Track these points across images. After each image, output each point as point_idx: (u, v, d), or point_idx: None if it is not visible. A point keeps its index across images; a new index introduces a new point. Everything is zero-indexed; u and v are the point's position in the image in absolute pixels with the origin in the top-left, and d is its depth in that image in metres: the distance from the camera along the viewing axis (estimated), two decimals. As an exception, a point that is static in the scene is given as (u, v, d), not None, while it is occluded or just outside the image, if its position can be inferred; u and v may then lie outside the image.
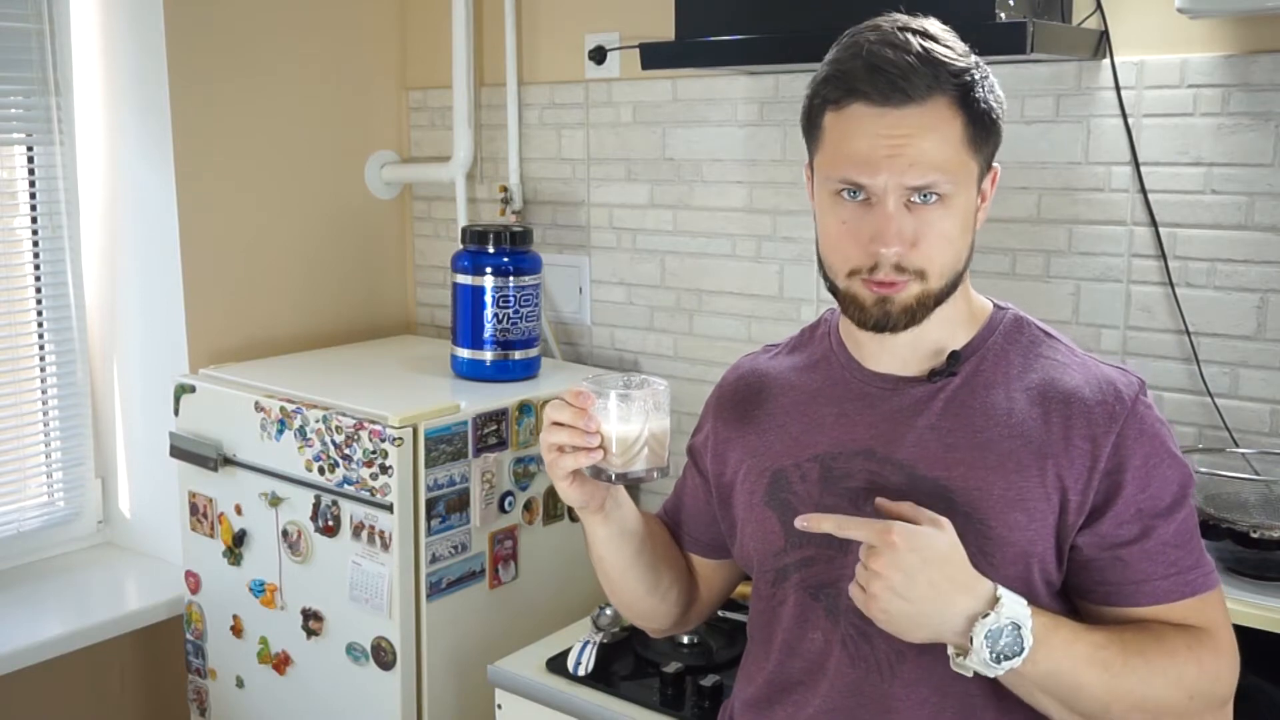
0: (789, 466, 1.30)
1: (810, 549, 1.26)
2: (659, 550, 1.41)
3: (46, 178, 2.43)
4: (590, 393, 1.22)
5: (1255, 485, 1.63)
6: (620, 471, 1.23)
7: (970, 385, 1.24)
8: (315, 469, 2.04)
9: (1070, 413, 1.19)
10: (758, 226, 2.22)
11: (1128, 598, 1.19)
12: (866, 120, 1.15)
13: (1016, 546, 1.18)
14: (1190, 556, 1.19)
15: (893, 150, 1.14)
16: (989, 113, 1.19)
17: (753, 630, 1.38)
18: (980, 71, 1.19)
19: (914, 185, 1.15)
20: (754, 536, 1.32)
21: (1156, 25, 1.76)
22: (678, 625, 1.48)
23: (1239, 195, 1.73)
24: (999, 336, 1.27)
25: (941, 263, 1.18)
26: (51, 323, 2.48)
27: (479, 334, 2.25)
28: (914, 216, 1.16)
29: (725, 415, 1.39)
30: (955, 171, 1.16)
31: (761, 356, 1.42)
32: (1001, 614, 1.08)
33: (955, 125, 1.16)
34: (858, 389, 1.29)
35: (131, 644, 2.41)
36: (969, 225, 1.20)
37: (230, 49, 2.40)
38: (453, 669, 2.06)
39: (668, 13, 1.97)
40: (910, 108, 1.14)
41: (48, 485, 2.53)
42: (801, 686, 1.28)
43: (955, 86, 1.15)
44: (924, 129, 1.14)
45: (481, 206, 2.63)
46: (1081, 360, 1.25)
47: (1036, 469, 1.18)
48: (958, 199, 1.17)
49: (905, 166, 1.14)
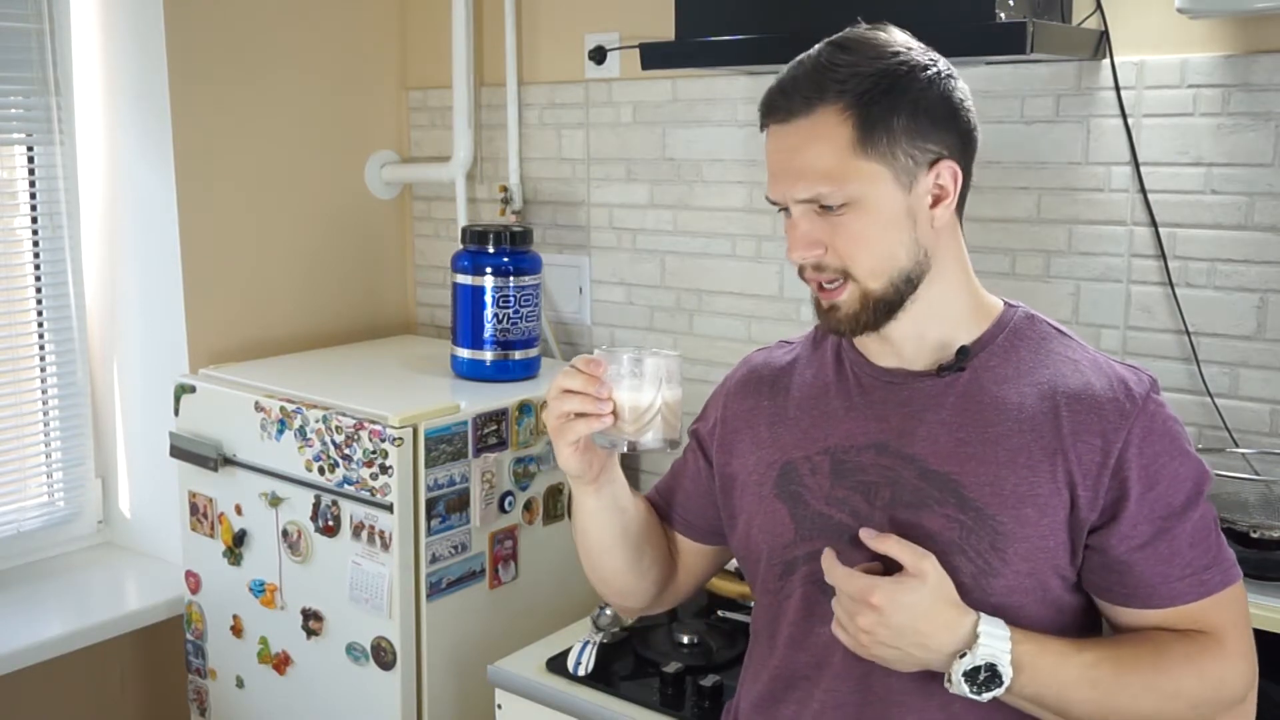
0: (799, 459, 1.30)
1: (820, 541, 1.26)
2: (644, 529, 1.41)
3: (46, 178, 2.43)
4: (603, 360, 1.22)
5: (1255, 485, 1.64)
6: (633, 440, 1.22)
7: (981, 381, 1.24)
8: (315, 469, 2.04)
9: (1081, 409, 1.20)
10: (758, 226, 2.22)
11: (1144, 600, 1.19)
12: (773, 138, 1.24)
13: (1028, 541, 1.18)
14: (1206, 555, 1.20)
15: (783, 164, 1.21)
16: (894, 112, 1.17)
17: (757, 626, 1.38)
18: (896, 75, 1.18)
19: (801, 198, 1.20)
20: (763, 528, 1.32)
21: (1156, 25, 1.76)
22: (652, 605, 1.48)
23: (1239, 195, 1.73)
24: (1009, 333, 1.27)
25: (866, 262, 1.20)
26: (51, 323, 2.48)
27: (479, 334, 2.25)
28: (826, 222, 1.20)
29: (735, 406, 1.40)
30: (843, 178, 1.18)
31: (776, 351, 1.43)
32: (977, 654, 1.13)
33: (843, 131, 1.17)
34: (869, 383, 1.29)
35: (131, 644, 2.41)
36: (897, 223, 1.19)
37: (230, 49, 2.40)
38: (453, 669, 2.06)
39: (668, 13, 1.97)
40: (797, 120, 1.20)
41: (48, 485, 2.53)
42: (807, 681, 1.28)
43: (839, 94, 1.17)
44: (809, 139, 1.19)
45: (481, 206, 2.63)
46: (1093, 358, 1.25)
47: (1048, 465, 1.19)
48: (865, 200, 1.18)
49: (792, 180, 1.20)
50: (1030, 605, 1.20)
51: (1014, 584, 1.19)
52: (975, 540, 1.18)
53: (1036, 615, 1.20)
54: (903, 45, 1.21)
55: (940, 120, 1.20)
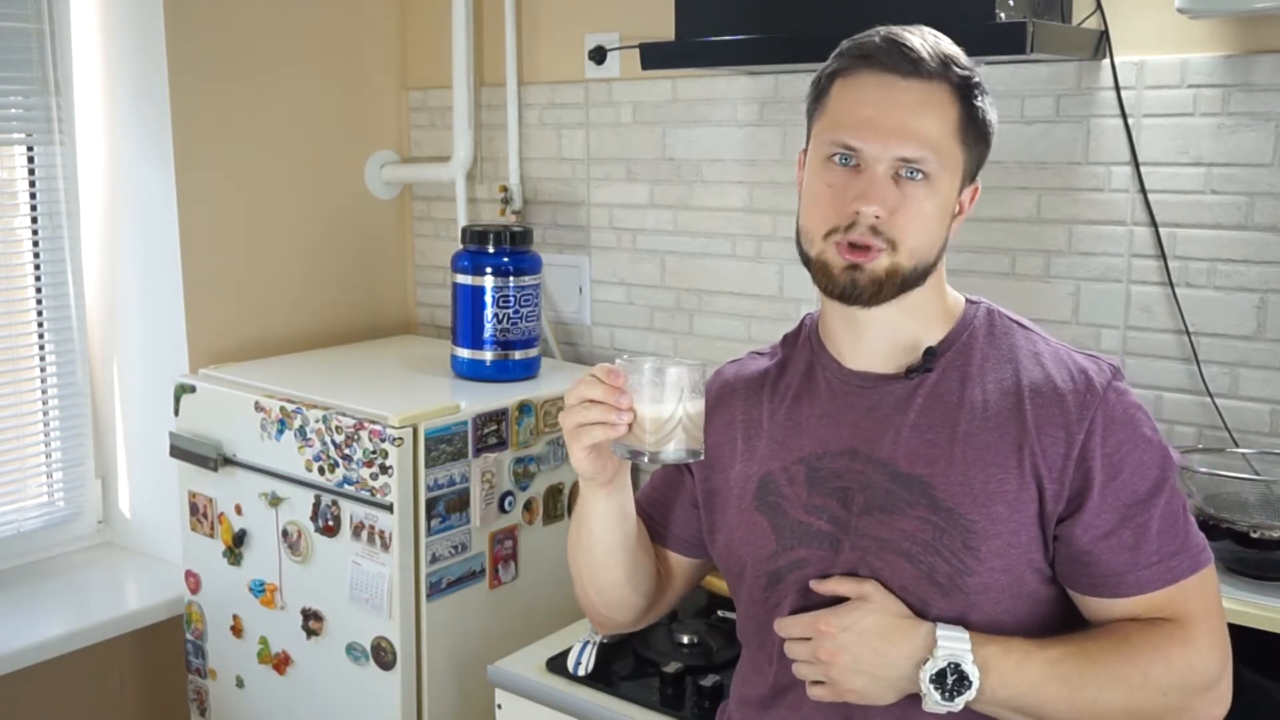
0: (776, 470, 1.31)
1: (802, 550, 1.27)
2: (642, 541, 1.41)
3: (46, 178, 2.43)
4: (623, 370, 1.22)
5: (1255, 485, 1.63)
6: (653, 450, 1.22)
7: (947, 380, 1.25)
8: (315, 469, 2.04)
9: (1044, 402, 1.21)
10: (758, 226, 2.22)
11: (1112, 589, 1.20)
12: (871, 88, 1.20)
13: (1000, 538, 1.19)
14: (1174, 542, 1.20)
15: (891, 119, 1.18)
16: (984, 117, 1.23)
17: (745, 636, 1.38)
18: (985, 87, 1.24)
19: (904, 156, 1.18)
20: (745, 541, 1.32)
21: (1156, 25, 1.76)
22: (638, 620, 1.46)
23: (1239, 195, 1.73)
24: (973, 331, 1.28)
25: (915, 240, 1.20)
26: (51, 323, 2.48)
27: (479, 334, 2.25)
28: (898, 189, 1.19)
29: (711, 422, 1.38)
30: (944, 154, 1.20)
31: (748, 364, 1.43)
32: (939, 655, 1.15)
33: (952, 113, 1.20)
34: (839, 389, 1.30)
35: (131, 644, 2.41)
36: (945, 215, 1.23)
37: (230, 49, 2.40)
38: (453, 669, 2.06)
39: (668, 13, 1.97)
40: (916, 81, 1.19)
41: (48, 485, 2.53)
42: (798, 687, 1.28)
43: (959, 80, 1.20)
44: (924, 105, 1.19)
45: (481, 206, 2.63)
46: (1054, 349, 1.26)
47: (1015, 460, 1.20)
48: (941, 183, 1.20)
49: (901, 137, 1.18)
50: (1006, 600, 1.20)
51: (989, 581, 1.19)
52: (949, 540, 1.19)
53: (1013, 610, 1.21)
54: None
55: (985, 139, 1.25)
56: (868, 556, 1.23)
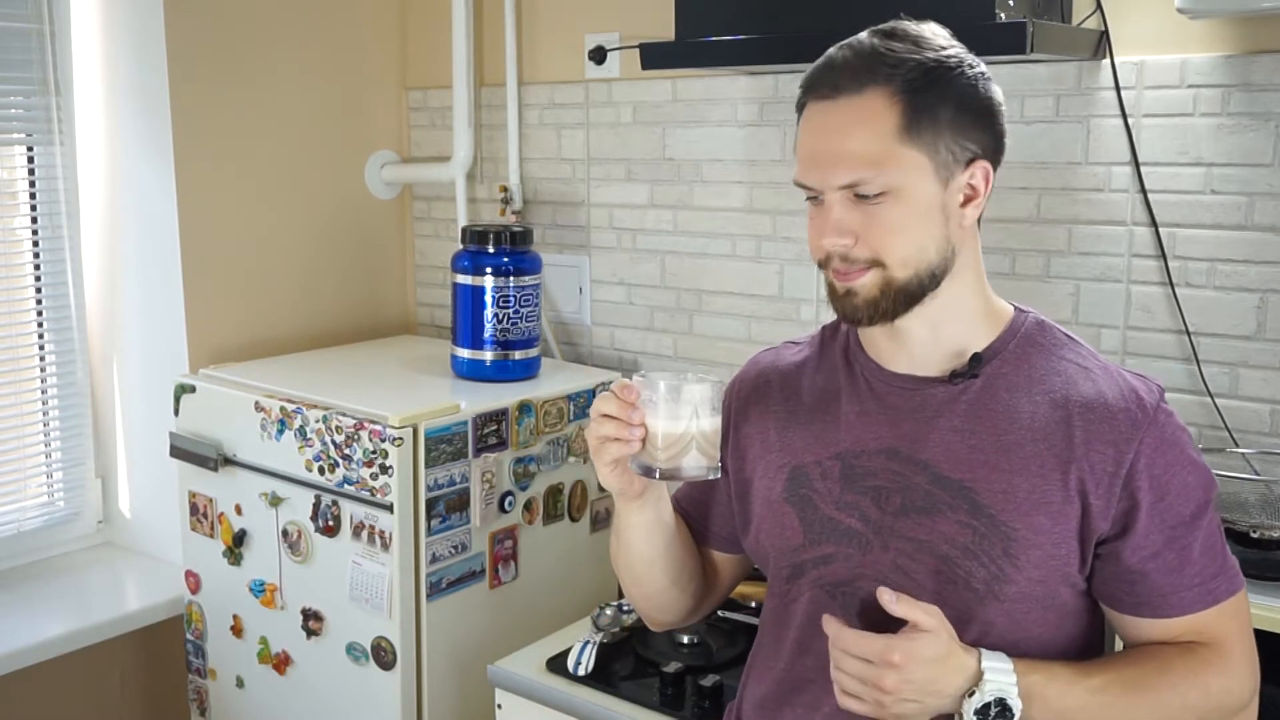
0: (809, 463, 1.30)
1: (830, 546, 1.26)
2: (684, 542, 1.41)
3: (46, 178, 2.43)
4: (636, 387, 1.22)
5: (1255, 485, 1.63)
6: (665, 468, 1.22)
7: (993, 388, 1.24)
8: (315, 469, 2.04)
9: (1094, 419, 1.20)
10: (758, 226, 2.22)
11: (1154, 609, 1.20)
12: (814, 118, 1.20)
13: (1040, 549, 1.19)
14: (1214, 564, 1.21)
15: (823, 147, 1.18)
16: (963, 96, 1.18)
17: (764, 627, 1.38)
18: (946, 67, 1.18)
19: (841, 184, 1.17)
20: (770, 532, 1.32)
21: (1156, 25, 1.76)
22: (689, 616, 1.48)
23: (1239, 195, 1.73)
24: (1021, 339, 1.26)
25: (901, 250, 1.18)
26: (51, 323, 2.48)
27: (479, 334, 2.25)
28: (860, 210, 1.18)
29: (745, 410, 1.39)
30: (889, 162, 1.16)
31: (784, 352, 1.42)
32: (985, 690, 1.13)
33: (890, 116, 1.16)
34: (880, 389, 1.29)
35: (131, 644, 2.41)
36: (931, 215, 1.19)
37: (230, 49, 2.40)
38: (453, 669, 2.06)
39: (668, 13, 1.97)
40: (845, 99, 1.17)
41: (48, 485, 2.53)
42: (813, 686, 1.28)
43: (889, 78, 1.16)
44: (852, 123, 1.17)
45: (481, 206, 2.63)
46: (1104, 366, 1.25)
47: (1060, 473, 1.19)
48: (905, 189, 1.17)
49: (832, 164, 1.17)
50: (1037, 610, 1.20)
51: (1025, 590, 1.19)
52: (988, 546, 1.19)
53: (1043, 620, 1.21)
54: (949, 40, 1.21)
55: (981, 118, 1.20)
56: (901, 558, 1.22)
